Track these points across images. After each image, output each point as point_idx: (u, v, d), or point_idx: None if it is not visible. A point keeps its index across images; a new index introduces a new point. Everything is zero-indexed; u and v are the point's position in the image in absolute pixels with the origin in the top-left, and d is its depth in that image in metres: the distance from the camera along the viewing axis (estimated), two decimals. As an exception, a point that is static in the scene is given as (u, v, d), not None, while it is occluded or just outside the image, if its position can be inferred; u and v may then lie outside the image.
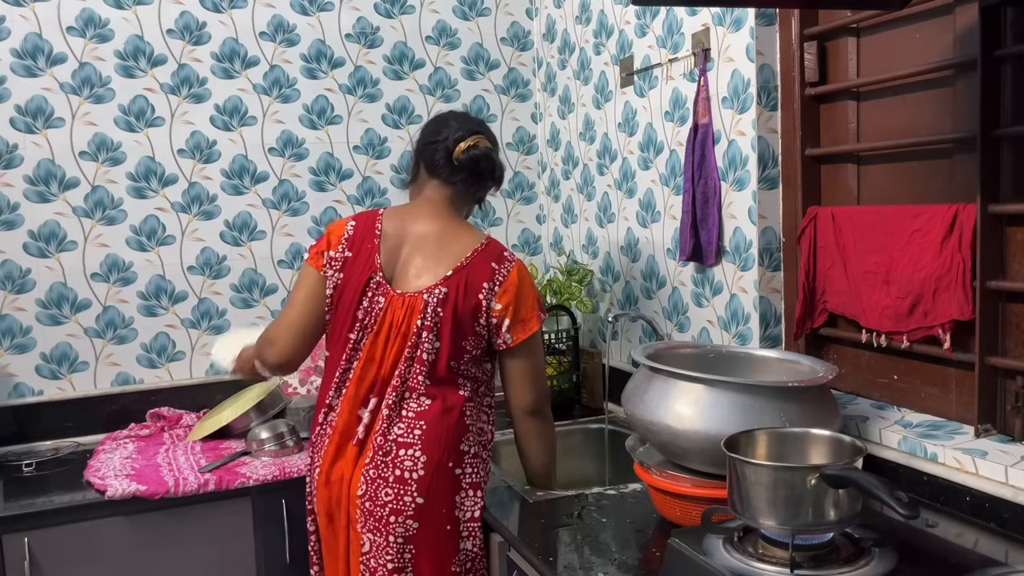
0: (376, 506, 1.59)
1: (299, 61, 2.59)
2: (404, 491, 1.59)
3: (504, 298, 1.65)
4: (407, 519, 1.58)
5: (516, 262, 1.70)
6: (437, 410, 1.63)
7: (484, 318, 1.65)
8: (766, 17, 1.84)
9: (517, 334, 1.67)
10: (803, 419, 1.42)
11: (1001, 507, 1.35)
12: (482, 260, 1.67)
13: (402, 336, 1.64)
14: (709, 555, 1.24)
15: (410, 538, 1.59)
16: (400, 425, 1.62)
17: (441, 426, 1.62)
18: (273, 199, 2.59)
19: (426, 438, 1.61)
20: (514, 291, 1.66)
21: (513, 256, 1.71)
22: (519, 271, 1.69)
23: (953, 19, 1.53)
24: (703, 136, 1.99)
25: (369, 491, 1.60)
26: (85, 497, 1.91)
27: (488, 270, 1.66)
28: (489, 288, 1.65)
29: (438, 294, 1.63)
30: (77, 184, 2.39)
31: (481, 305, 1.65)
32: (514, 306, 1.66)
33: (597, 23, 2.48)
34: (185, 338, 2.52)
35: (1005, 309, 1.48)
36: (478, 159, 1.72)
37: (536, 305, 1.70)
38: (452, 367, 1.64)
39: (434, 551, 1.60)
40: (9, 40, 2.30)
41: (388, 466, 1.60)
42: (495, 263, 1.67)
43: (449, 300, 1.63)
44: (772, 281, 1.89)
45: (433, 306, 1.63)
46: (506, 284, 1.66)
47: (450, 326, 1.63)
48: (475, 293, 1.64)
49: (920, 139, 1.60)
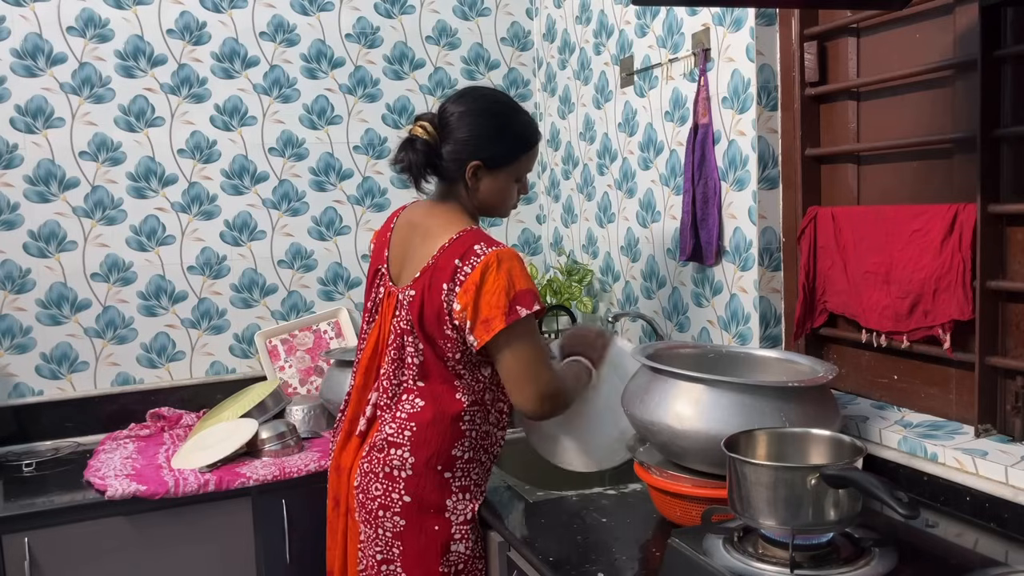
0: (368, 499, 1.61)
1: (299, 61, 2.59)
2: (392, 488, 1.59)
3: (463, 298, 1.52)
4: (394, 515, 1.59)
5: (485, 257, 1.53)
6: (429, 415, 1.59)
7: (448, 320, 1.55)
8: (766, 17, 1.84)
9: (480, 335, 1.52)
10: (803, 419, 1.42)
11: (1001, 507, 1.35)
12: (447, 258, 1.56)
13: (391, 332, 1.64)
14: (709, 555, 1.24)
15: (398, 534, 1.59)
16: (392, 424, 1.61)
17: (431, 431, 1.58)
18: (273, 199, 2.59)
19: (415, 440, 1.59)
20: (473, 290, 1.51)
21: (486, 250, 1.54)
22: (484, 267, 1.52)
23: (953, 19, 1.53)
24: (703, 136, 1.99)
25: (363, 484, 1.62)
26: (85, 497, 1.92)
27: (450, 269, 1.54)
28: (449, 289, 1.54)
29: (408, 296, 1.60)
30: (77, 184, 2.39)
31: (443, 307, 1.55)
32: (473, 306, 1.52)
33: (597, 23, 2.48)
34: (185, 338, 2.52)
35: (1005, 309, 1.48)
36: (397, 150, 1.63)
37: (503, 303, 1.51)
38: (448, 367, 1.60)
39: (420, 550, 1.59)
40: (9, 40, 2.30)
41: (380, 462, 1.61)
42: (459, 260, 1.54)
43: (416, 303, 1.58)
44: (772, 281, 1.89)
45: (405, 308, 1.60)
46: (466, 283, 1.52)
47: (419, 328, 1.58)
48: (437, 295, 1.55)
49: (920, 139, 1.60)
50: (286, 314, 2.63)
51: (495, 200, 1.68)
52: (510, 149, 1.65)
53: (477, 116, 1.62)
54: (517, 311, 1.51)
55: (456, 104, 1.63)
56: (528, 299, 1.53)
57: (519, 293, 1.53)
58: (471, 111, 1.62)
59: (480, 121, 1.62)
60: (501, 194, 1.67)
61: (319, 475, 2.04)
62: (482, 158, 1.61)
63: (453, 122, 1.61)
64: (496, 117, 1.64)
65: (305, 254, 2.64)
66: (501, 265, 1.52)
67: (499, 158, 1.63)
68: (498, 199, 1.68)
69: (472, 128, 1.61)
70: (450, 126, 1.61)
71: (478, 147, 1.61)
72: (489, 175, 1.63)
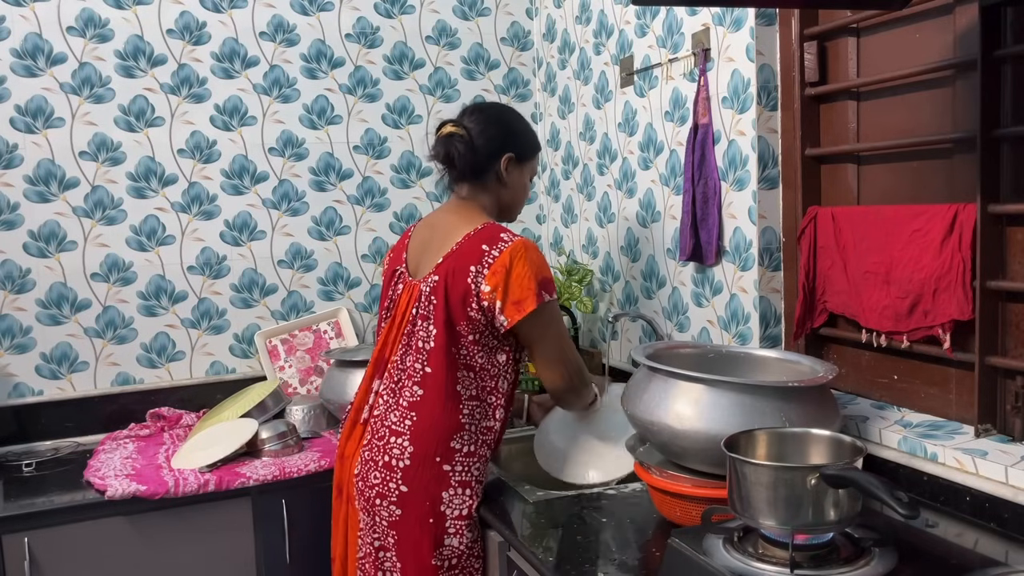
0: (366, 487, 1.65)
1: (299, 61, 2.59)
2: (390, 477, 1.62)
3: (493, 280, 1.62)
4: (391, 504, 1.62)
5: (513, 243, 1.64)
6: (430, 404, 1.63)
7: (475, 301, 1.63)
8: (766, 17, 1.84)
9: (511, 315, 1.62)
10: (803, 419, 1.42)
11: (1001, 507, 1.35)
12: (473, 243, 1.66)
13: (405, 322, 1.70)
14: (709, 555, 1.24)
15: (393, 523, 1.63)
16: (396, 412, 1.65)
17: (432, 420, 1.63)
18: (273, 199, 2.60)
19: (416, 429, 1.63)
20: (503, 272, 1.61)
21: (513, 238, 1.66)
22: (512, 252, 1.63)
23: (953, 19, 1.53)
24: (703, 136, 1.99)
25: (362, 472, 1.67)
26: (85, 497, 1.92)
27: (477, 252, 1.64)
28: (477, 271, 1.63)
29: (431, 282, 1.66)
30: (77, 184, 2.39)
31: (470, 289, 1.63)
32: (503, 287, 1.61)
33: (597, 23, 2.48)
34: (185, 338, 2.52)
35: (1005, 309, 1.48)
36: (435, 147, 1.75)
37: (533, 285, 1.62)
38: (453, 354, 1.64)
39: (414, 541, 1.62)
40: (9, 40, 2.30)
41: (380, 450, 1.65)
42: (487, 245, 1.64)
43: (439, 287, 1.64)
44: (772, 281, 1.89)
45: (427, 294, 1.66)
46: (495, 266, 1.62)
47: (442, 312, 1.64)
48: (463, 277, 1.63)
49: (920, 139, 1.60)
50: (286, 314, 2.63)
51: (520, 195, 1.84)
52: (532, 143, 1.84)
53: (499, 118, 1.80)
54: (543, 296, 1.64)
55: (474, 114, 1.78)
56: (551, 286, 1.67)
57: (545, 280, 1.66)
58: (491, 117, 1.78)
59: (504, 120, 1.80)
60: (525, 190, 1.85)
61: (319, 475, 2.04)
62: (515, 151, 1.77)
63: (479, 125, 1.75)
64: (515, 120, 1.83)
65: (305, 254, 2.64)
66: (528, 251, 1.64)
67: (527, 150, 1.82)
68: (522, 194, 1.84)
69: (500, 126, 1.77)
70: (478, 127, 1.74)
71: (509, 140, 1.77)
72: (518, 168, 1.80)
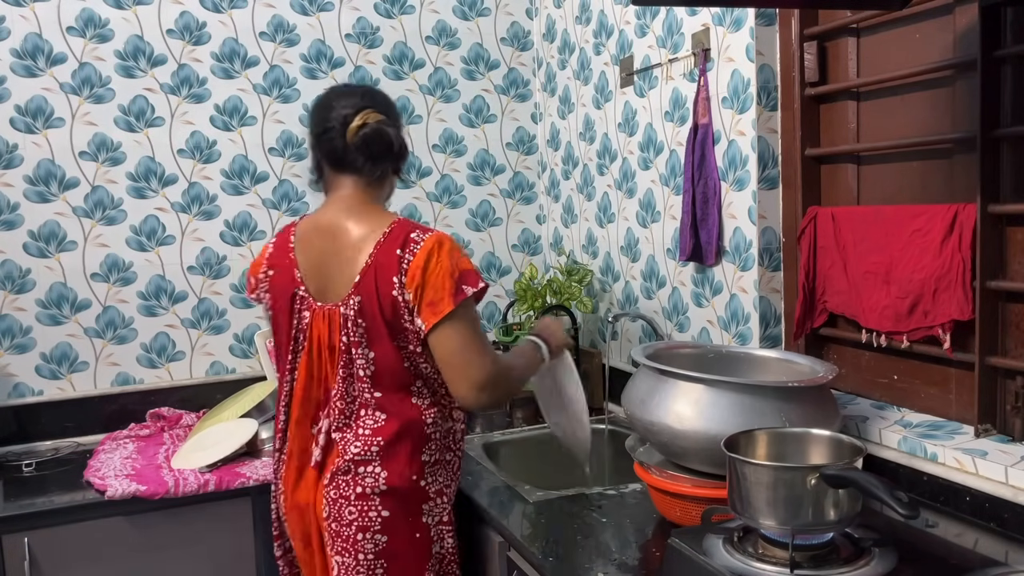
0: (342, 526, 1.54)
1: (299, 61, 2.59)
2: (368, 507, 1.53)
3: (412, 284, 1.50)
4: (376, 534, 1.53)
5: (425, 241, 1.52)
6: (394, 425, 1.54)
7: (406, 311, 1.52)
8: (766, 17, 1.84)
9: (427, 318, 1.50)
10: (803, 419, 1.42)
11: (1001, 507, 1.35)
12: (387, 251, 1.52)
13: (333, 351, 1.56)
14: (709, 555, 1.24)
15: (381, 552, 1.53)
16: (356, 444, 1.54)
17: (400, 443, 1.54)
18: (273, 199, 2.59)
19: (384, 454, 1.53)
20: (420, 274, 1.50)
21: (424, 235, 1.53)
22: (427, 250, 1.51)
23: (953, 19, 1.53)
24: (703, 136, 1.99)
25: (333, 512, 1.55)
26: (85, 497, 1.91)
27: (394, 261, 1.51)
28: (399, 281, 1.51)
29: (353, 305, 1.53)
30: (77, 184, 2.39)
31: (398, 301, 1.51)
32: (421, 290, 1.50)
33: (597, 23, 2.48)
34: (185, 338, 2.52)
35: (1005, 309, 1.48)
36: (370, 140, 1.58)
37: (448, 285, 1.50)
38: (406, 369, 1.55)
39: (407, 560, 1.55)
40: (9, 40, 2.30)
41: (349, 484, 1.54)
42: (400, 249, 1.52)
43: (366, 308, 1.52)
44: (772, 281, 1.89)
45: (352, 319, 1.53)
46: (411, 271, 1.50)
47: (382, 332, 1.52)
48: (388, 291, 1.51)
49: (920, 139, 1.60)
50: (286, 314, 2.63)
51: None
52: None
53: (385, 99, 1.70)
54: (464, 291, 1.51)
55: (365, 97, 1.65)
56: (472, 278, 1.54)
57: (463, 273, 1.53)
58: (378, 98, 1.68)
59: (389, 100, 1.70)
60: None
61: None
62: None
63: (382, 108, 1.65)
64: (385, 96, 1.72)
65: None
66: (442, 247, 1.53)
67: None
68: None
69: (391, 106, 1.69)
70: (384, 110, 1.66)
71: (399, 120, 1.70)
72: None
